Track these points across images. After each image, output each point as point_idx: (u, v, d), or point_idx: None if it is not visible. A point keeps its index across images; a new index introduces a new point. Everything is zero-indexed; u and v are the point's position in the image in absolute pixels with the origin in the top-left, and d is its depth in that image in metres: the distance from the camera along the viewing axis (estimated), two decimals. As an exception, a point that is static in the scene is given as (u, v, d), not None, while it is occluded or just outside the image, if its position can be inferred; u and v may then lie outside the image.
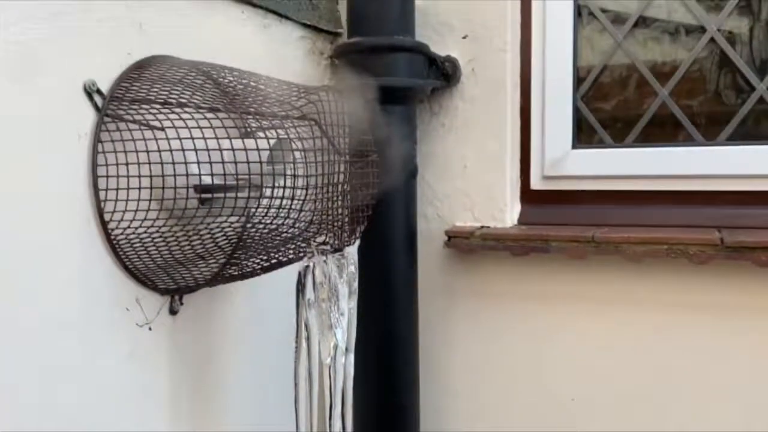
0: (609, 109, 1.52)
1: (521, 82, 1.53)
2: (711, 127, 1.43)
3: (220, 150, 0.88)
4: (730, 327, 1.34)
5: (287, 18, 1.36)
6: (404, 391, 1.47)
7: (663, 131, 1.47)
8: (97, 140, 0.92)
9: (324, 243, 0.99)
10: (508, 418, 1.54)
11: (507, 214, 1.52)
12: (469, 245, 1.48)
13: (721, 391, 1.36)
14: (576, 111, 1.51)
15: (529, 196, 1.55)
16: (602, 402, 1.45)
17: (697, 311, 1.36)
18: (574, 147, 1.51)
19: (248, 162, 0.89)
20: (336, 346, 1.00)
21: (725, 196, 1.39)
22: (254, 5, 1.24)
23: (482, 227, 1.51)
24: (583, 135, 1.53)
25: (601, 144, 1.52)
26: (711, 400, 1.36)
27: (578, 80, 1.52)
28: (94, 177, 0.92)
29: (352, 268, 1.02)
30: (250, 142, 0.92)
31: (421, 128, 1.55)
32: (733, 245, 1.28)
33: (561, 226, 1.47)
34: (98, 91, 0.92)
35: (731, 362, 1.35)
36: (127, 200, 0.91)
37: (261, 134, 0.96)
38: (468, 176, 1.54)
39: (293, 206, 0.92)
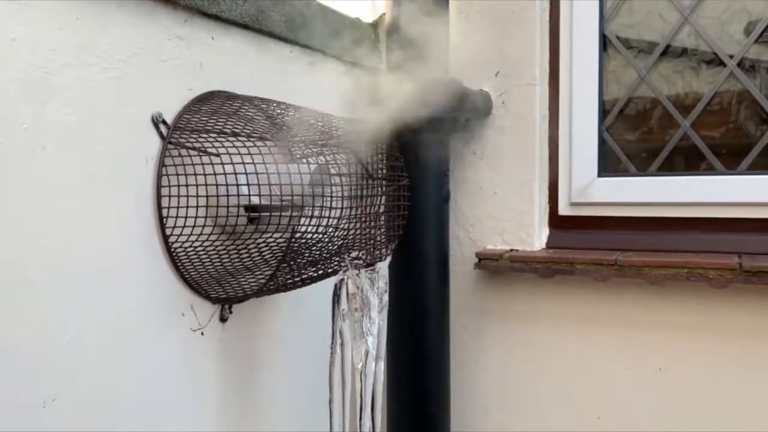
0: (633, 139, 1.60)
1: (549, 113, 1.62)
2: (732, 157, 1.50)
3: (268, 174, 1.00)
4: (748, 349, 1.39)
5: (331, 56, 1.48)
6: (436, 402, 1.55)
7: (686, 161, 1.55)
8: (161, 164, 1.05)
9: (357, 258, 1.10)
10: (536, 434, 1.61)
11: (535, 238, 1.60)
12: (497, 267, 1.57)
13: (740, 412, 1.40)
14: (602, 141, 1.60)
15: (556, 221, 1.63)
16: (626, 421, 1.51)
17: (716, 333, 1.42)
18: (599, 175, 1.59)
19: (292, 185, 1.01)
20: (367, 353, 1.10)
21: (745, 223, 1.45)
22: (301, 45, 1.37)
23: (511, 250, 1.60)
24: (609, 164, 1.61)
25: (625, 173, 1.59)
26: (730, 421, 1.41)
27: (604, 112, 1.61)
28: (158, 196, 1.05)
29: (382, 283, 1.12)
30: (294, 167, 1.04)
31: (454, 156, 1.65)
32: (752, 270, 1.33)
33: (587, 250, 1.54)
34: (164, 122, 1.06)
35: (750, 384, 1.39)
36: (186, 217, 1.04)
37: (304, 160, 1.08)
38: (498, 202, 1.63)
39: (330, 224, 1.03)
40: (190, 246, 1.07)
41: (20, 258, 0.86)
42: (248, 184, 1.03)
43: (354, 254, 1.10)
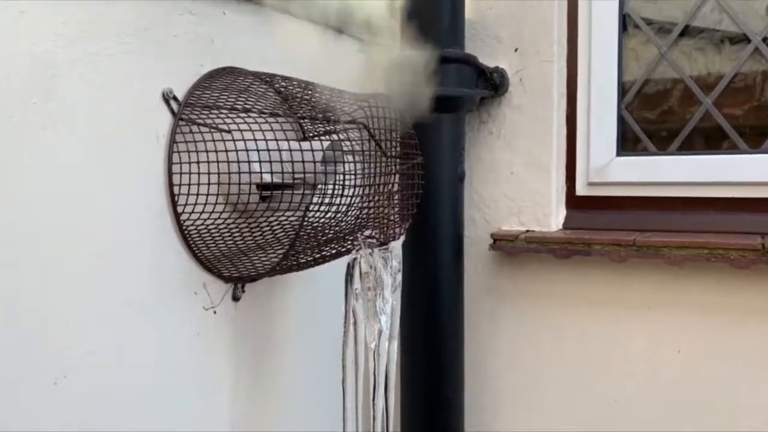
0: (653, 118, 1.56)
1: (567, 91, 1.59)
2: (756, 136, 1.46)
3: (280, 151, 0.99)
4: (769, 331, 1.37)
5: (345, 32, 1.46)
6: (450, 383, 1.54)
7: (706, 140, 1.51)
8: (172, 141, 1.04)
9: (370, 237, 1.09)
10: (551, 416, 1.59)
11: (552, 218, 1.58)
12: (513, 248, 1.55)
13: (761, 394, 1.38)
14: (621, 120, 1.56)
15: (574, 201, 1.61)
16: (643, 403, 1.49)
17: (736, 315, 1.39)
18: (618, 154, 1.56)
19: (304, 162, 0.99)
20: (380, 332, 1.09)
21: (768, 203, 1.42)
22: (315, 21, 1.35)
23: (527, 231, 1.57)
24: (628, 143, 1.58)
25: (645, 152, 1.56)
26: (750, 403, 1.38)
27: (623, 90, 1.57)
28: (170, 173, 1.04)
29: (396, 263, 1.11)
30: (306, 144, 1.02)
31: (470, 135, 1.63)
32: (775, 251, 1.30)
33: (604, 230, 1.52)
34: (174, 98, 1.04)
35: (771, 366, 1.37)
36: (197, 194, 1.03)
37: (316, 137, 1.06)
38: (515, 182, 1.61)
39: (343, 202, 1.02)
40: (202, 224, 1.06)
41: (30, 235, 0.86)
42: (260, 161, 1.01)
43: (367, 233, 1.08)
